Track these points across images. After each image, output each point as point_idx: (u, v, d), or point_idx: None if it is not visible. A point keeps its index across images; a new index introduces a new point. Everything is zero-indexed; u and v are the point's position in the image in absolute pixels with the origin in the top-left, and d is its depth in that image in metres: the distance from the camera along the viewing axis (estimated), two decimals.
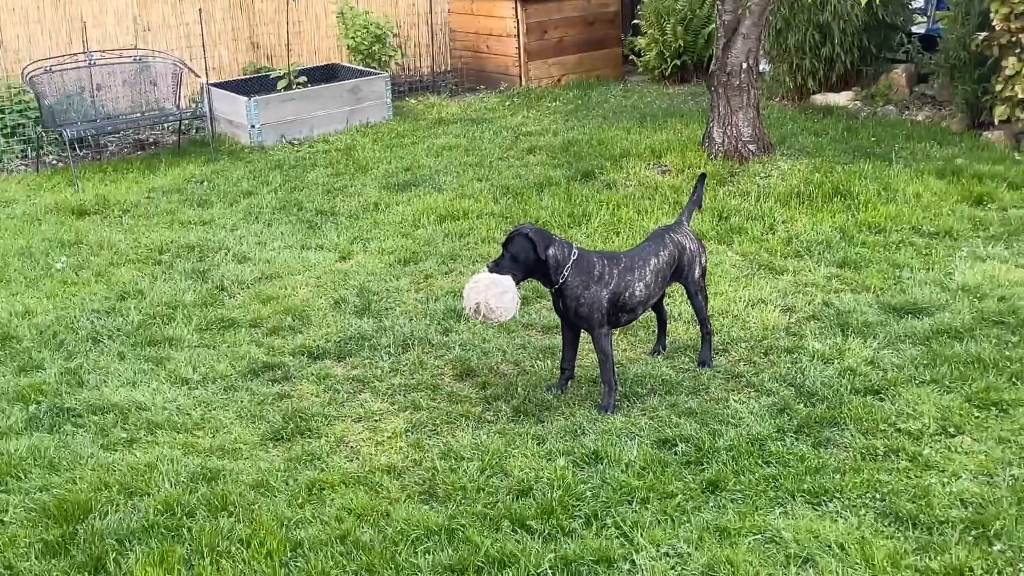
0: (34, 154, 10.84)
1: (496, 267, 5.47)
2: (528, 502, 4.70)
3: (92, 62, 10.81)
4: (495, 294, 5.38)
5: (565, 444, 5.17)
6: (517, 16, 12.49)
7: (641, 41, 12.74)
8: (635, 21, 13.06)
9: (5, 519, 4.76)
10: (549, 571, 4.26)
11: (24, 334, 6.66)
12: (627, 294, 5.57)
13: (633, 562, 4.30)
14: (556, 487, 4.79)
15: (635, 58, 13.05)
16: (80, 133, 10.51)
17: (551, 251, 5.45)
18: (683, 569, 4.23)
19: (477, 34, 13.07)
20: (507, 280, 5.41)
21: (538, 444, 5.19)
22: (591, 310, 5.51)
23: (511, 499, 4.74)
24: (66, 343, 6.53)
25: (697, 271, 5.87)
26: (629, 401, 5.58)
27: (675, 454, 5.04)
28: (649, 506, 4.64)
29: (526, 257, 5.44)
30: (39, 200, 9.46)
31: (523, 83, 12.65)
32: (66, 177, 10.17)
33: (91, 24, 11.59)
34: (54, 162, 10.82)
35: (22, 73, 10.63)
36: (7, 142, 10.81)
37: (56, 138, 10.68)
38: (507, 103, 12.06)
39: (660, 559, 4.31)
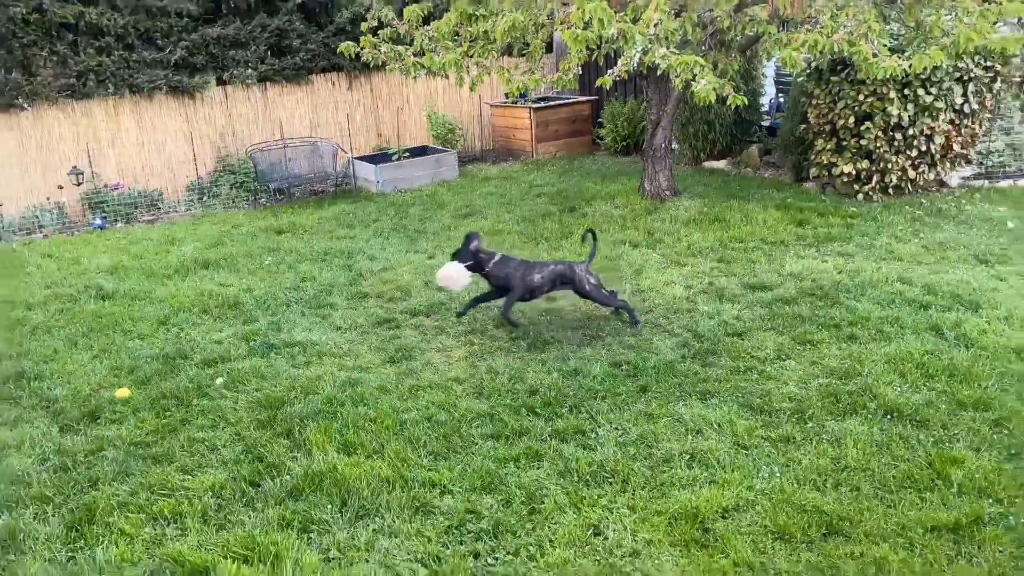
0: (252, 198, 10.91)
1: (454, 258, 5.71)
2: (536, 398, 4.71)
3: (285, 144, 10.86)
4: (464, 277, 5.66)
5: (557, 364, 5.15)
6: (530, 117, 12.42)
7: (603, 131, 12.64)
8: (600, 119, 12.96)
9: (236, 407, 4.82)
10: (548, 437, 4.26)
11: (247, 301, 6.71)
12: (530, 280, 5.68)
13: (597, 432, 4.29)
14: (552, 389, 4.79)
15: (599, 141, 12.95)
16: (279, 186, 10.57)
17: (476, 248, 5.67)
18: (626, 437, 4.23)
19: (507, 127, 13.01)
20: (461, 266, 5.64)
21: (542, 365, 5.18)
22: (511, 282, 5.68)
23: (526, 396, 4.75)
24: (271, 306, 6.57)
25: (587, 286, 5.73)
26: (595, 340, 5.54)
27: (621, 370, 5.02)
28: (606, 401, 4.63)
29: (465, 253, 5.65)
30: (255, 224, 9.51)
31: (534, 156, 12.57)
32: (271, 211, 10.22)
33: (285, 122, 11.64)
34: (264, 203, 10.87)
35: (247, 151, 10.73)
36: (238, 191, 10.91)
37: (265, 189, 10.76)
38: (524, 168, 12.00)
39: (612, 431, 4.30)
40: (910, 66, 5.64)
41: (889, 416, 4.29)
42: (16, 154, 9.83)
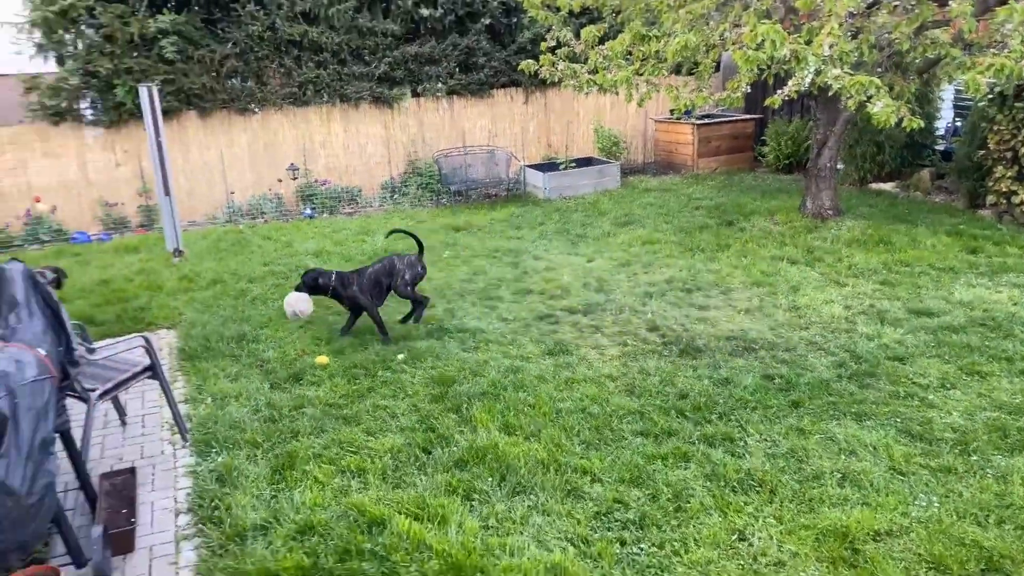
0: (435, 198, 11.36)
1: (297, 289, 5.87)
2: (686, 402, 4.57)
3: (466, 151, 11.23)
4: (302, 301, 6.01)
5: (708, 372, 4.98)
6: (693, 133, 12.08)
7: (765, 148, 12.08)
8: (763, 137, 12.40)
9: (414, 380, 5.02)
10: (696, 440, 4.13)
11: (427, 289, 6.86)
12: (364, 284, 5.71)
13: (745, 441, 4.11)
14: (702, 395, 4.64)
15: (761, 158, 12.38)
16: (459, 188, 10.94)
17: (319, 280, 5.72)
18: (776, 449, 4.02)
19: (669, 142, 12.73)
20: (304, 294, 5.88)
21: (692, 371, 5.02)
22: (356, 298, 5.69)
23: (676, 399, 4.62)
24: (446, 295, 6.78)
25: (400, 280, 5.82)
26: (747, 352, 5.31)
27: (774, 383, 4.77)
28: (756, 412, 4.42)
29: (309, 282, 5.74)
30: (437, 221, 9.87)
31: (694, 170, 12.22)
32: (450, 210, 10.59)
33: (467, 132, 12.04)
34: (444, 202, 11.29)
35: (433, 156, 11.20)
36: (423, 191, 11.41)
37: (447, 190, 11.18)
38: (684, 181, 11.69)
39: (762, 442, 4.10)
40: None
41: None
42: (247, 151, 10.84)
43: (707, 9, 6.38)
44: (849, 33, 5.62)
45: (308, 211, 10.73)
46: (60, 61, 9.77)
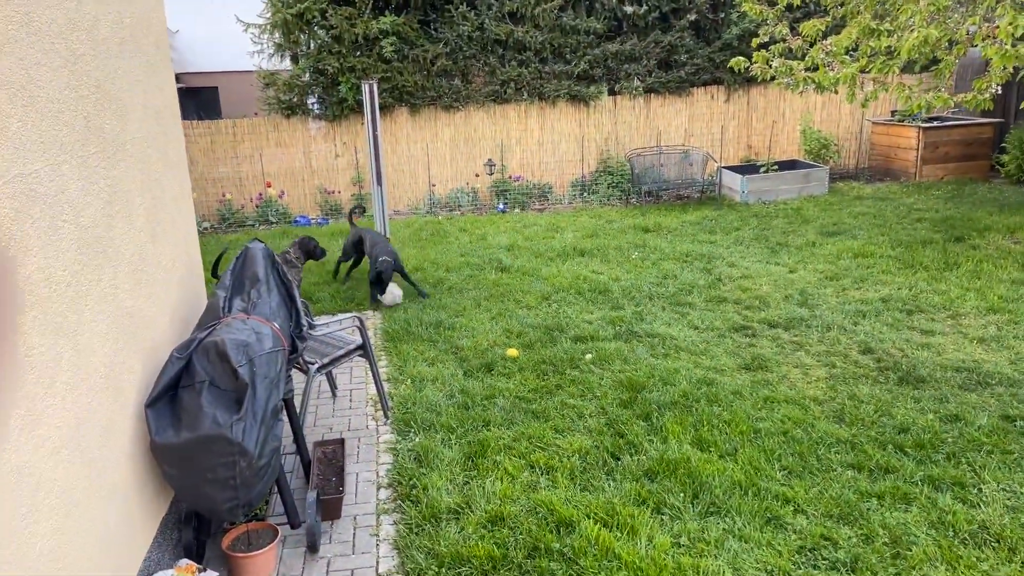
0: (624, 197, 11.25)
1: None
2: (906, 437, 4.12)
3: (661, 151, 11.00)
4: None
5: (933, 405, 4.46)
6: (918, 137, 10.93)
7: (1005, 157, 10.66)
8: (1003, 144, 10.96)
9: (602, 382, 4.97)
10: (920, 481, 3.71)
11: (614, 289, 6.92)
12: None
13: (980, 489, 3.62)
14: (926, 431, 4.15)
15: (1000, 168, 10.95)
16: (650, 188, 10.74)
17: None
18: (1017, 501, 3.50)
19: (888, 146, 11.62)
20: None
21: (914, 402, 4.52)
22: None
23: (893, 432, 4.18)
24: (635, 297, 6.69)
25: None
26: (981, 387, 4.69)
27: (1015, 426, 4.17)
28: (993, 456, 3.88)
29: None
30: (626, 221, 9.79)
31: (916, 178, 11.08)
32: (640, 211, 10.45)
33: (663, 131, 11.79)
34: (634, 202, 11.18)
35: (626, 155, 11.10)
36: (612, 190, 11.35)
37: (637, 190, 11.03)
38: (904, 190, 10.65)
39: (999, 492, 3.59)
40: None
41: None
42: (449, 146, 11.38)
43: (952, 0, 5.70)
44: None
45: (501, 206, 11.06)
46: (294, 59, 10.82)
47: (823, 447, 4.06)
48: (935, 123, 11.04)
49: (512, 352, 5.43)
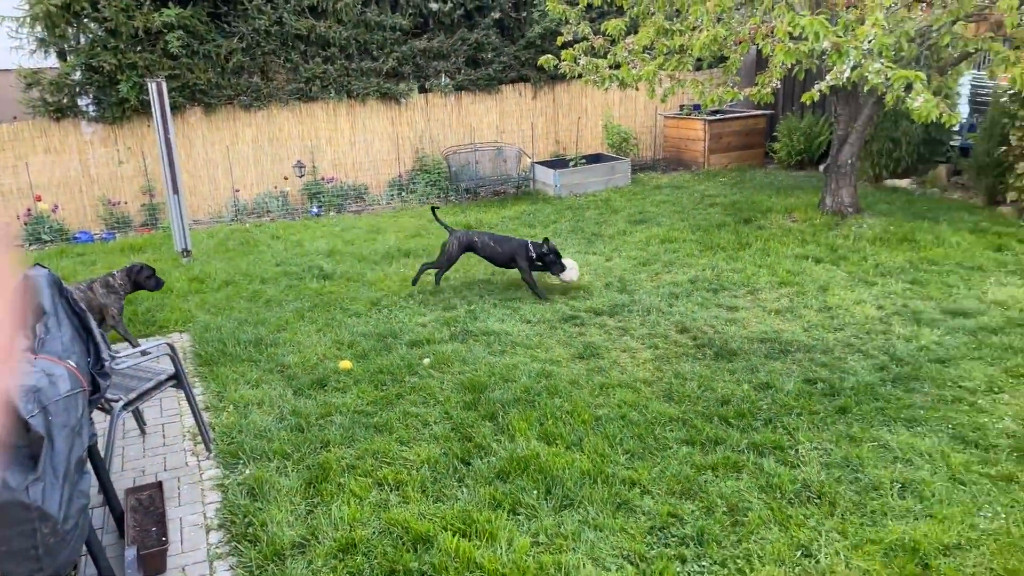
0: (443, 195, 11.20)
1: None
2: (728, 408, 4.42)
3: (476, 148, 11.06)
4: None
5: (747, 376, 4.83)
6: (704, 129, 11.94)
7: (777, 145, 11.95)
8: (774, 133, 12.28)
9: (442, 386, 4.86)
10: (746, 449, 3.99)
11: (445, 289, 6.74)
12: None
13: (796, 450, 3.97)
14: (744, 401, 4.49)
15: (773, 154, 12.27)
16: (468, 186, 10.76)
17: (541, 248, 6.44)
18: (829, 458, 3.87)
19: (679, 138, 12.58)
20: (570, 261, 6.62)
21: (730, 374, 4.88)
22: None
23: (717, 405, 4.47)
24: (467, 296, 6.60)
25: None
26: (783, 354, 5.16)
27: (816, 388, 4.63)
28: (802, 419, 4.27)
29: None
30: (447, 219, 9.55)
31: (705, 166, 12.08)
32: (460, 208, 10.42)
33: (475, 128, 11.87)
34: (453, 200, 11.14)
35: (442, 153, 11.03)
36: (431, 189, 11.24)
37: (455, 188, 11.01)
38: (696, 178, 11.57)
39: (813, 451, 3.96)
40: None
41: None
42: (252, 148, 10.63)
43: (734, 2, 6.22)
44: (889, 28, 5.48)
45: (315, 209, 10.54)
46: (62, 56, 9.54)
47: (658, 426, 4.24)
48: (718, 116, 12.11)
49: (345, 364, 5.15)
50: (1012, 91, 7.89)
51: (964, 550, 3.18)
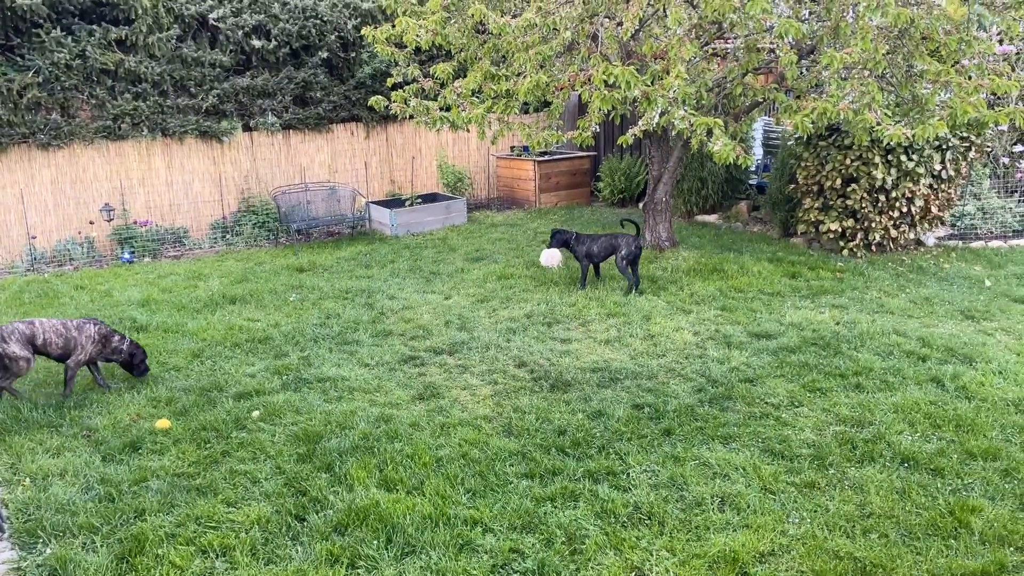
0: (273, 237, 10.81)
1: (549, 246, 7.86)
2: (565, 438, 4.56)
3: (307, 188, 10.78)
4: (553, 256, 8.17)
5: (581, 405, 5.02)
6: (534, 169, 12.44)
7: (601, 184, 12.69)
8: (598, 173, 13.04)
9: (274, 440, 4.62)
10: (581, 477, 4.11)
11: (275, 336, 6.55)
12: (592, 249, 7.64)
13: (628, 474, 4.15)
14: (579, 430, 4.65)
15: (597, 193, 12.99)
16: (300, 227, 10.44)
17: (568, 235, 7.74)
18: (656, 479, 4.09)
19: (512, 178, 13.02)
20: (555, 250, 8.21)
21: (565, 405, 5.04)
22: (580, 253, 7.69)
23: (554, 436, 4.60)
24: (299, 342, 6.41)
25: (618, 256, 7.52)
26: (614, 382, 5.42)
27: (643, 412, 4.89)
28: (632, 442, 4.49)
29: (559, 238, 7.77)
30: (278, 262, 9.40)
31: (536, 205, 12.56)
32: (291, 250, 10.11)
33: (306, 167, 11.58)
34: (284, 242, 10.77)
35: (271, 193, 10.63)
36: (259, 230, 10.80)
37: (286, 229, 10.65)
38: (528, 216, 11.99)
39: (643, 473, 4.16)
40: (914, 135, 5.68)
41: (905, 464, 4.19)
42: (51, 190, 9.65)
43: (554, 51, 6.59)
44: (690, 80, 6.03)
45: (127, 255, 9.72)
46: None
47: (499, 462, 4.28)
48: (547, 157, 12.67)
49: (162, 423, 4.76)
50: (797, 135, 8.95)
51: (777, 555, 3.47)
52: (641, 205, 11.08)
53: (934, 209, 8.57)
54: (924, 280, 7.60)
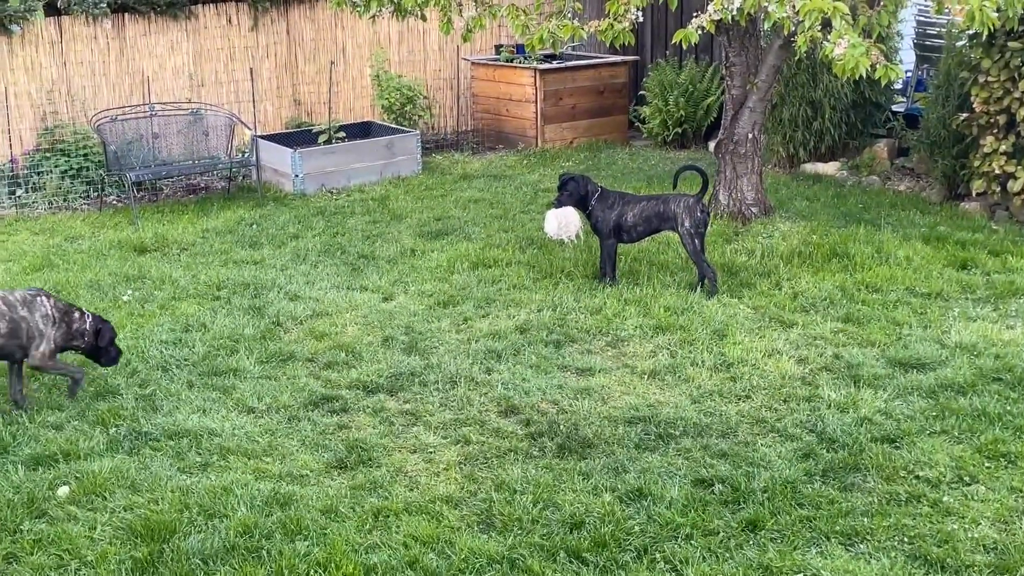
0: (97, 194, 10.81)
1: (558, 203, 8.05)
2: (582, 535, 4.57)
3: (152, 112, 10.76)
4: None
5: (609, 480, 5.04)
6: (535, 83, 12.46)
7: (646, 110, 12.72)
8: (641, 92, 13.06)
9: (94, 536, 4.62)
10: None
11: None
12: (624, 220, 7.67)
13: None
14: (606, 521, 4.66)
15: (640, 125, 13.02)
16: (141, 177, 10.40)
17: (589, 187, 7.79)
18: None
19: (497, 98, 13.03)
20: (570, 210, 8.40)
21: (583, 479, 5.05)
22: (603, 225, 7.70)
23: (565, 531, 4.60)
24: (139, 371, 6.40)
25: (681, 228, 7.56)
26: (663, 442, 5.45)
27: (713, 493, 4.91)
28: (694, 542, 4.51)
29: (575, 190, 7.79)
30: (103, 237, 9.40)
31: (538, 144, 12.59)
32: (127, 217, 10.09)
33: (152, 77, 11.57)
34: (115, 202, 10.78)
35: (91, 121, 10.61)
36: (73, 183, 10.78)
37: (117, 181, 10.62)
38: (525, 161, 12.00)
39: None
40: None
41: None
42: None
43: None
44: None
45: None
46: None
47: (471, 575, 4.28)
48: (555, 63, 12.68)
49: None
50: (972, 32, 8.98)
51: None
52: (712, 146, 11.08)
53: None
54: None
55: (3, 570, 4.39)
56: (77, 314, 6.04)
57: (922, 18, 11.27)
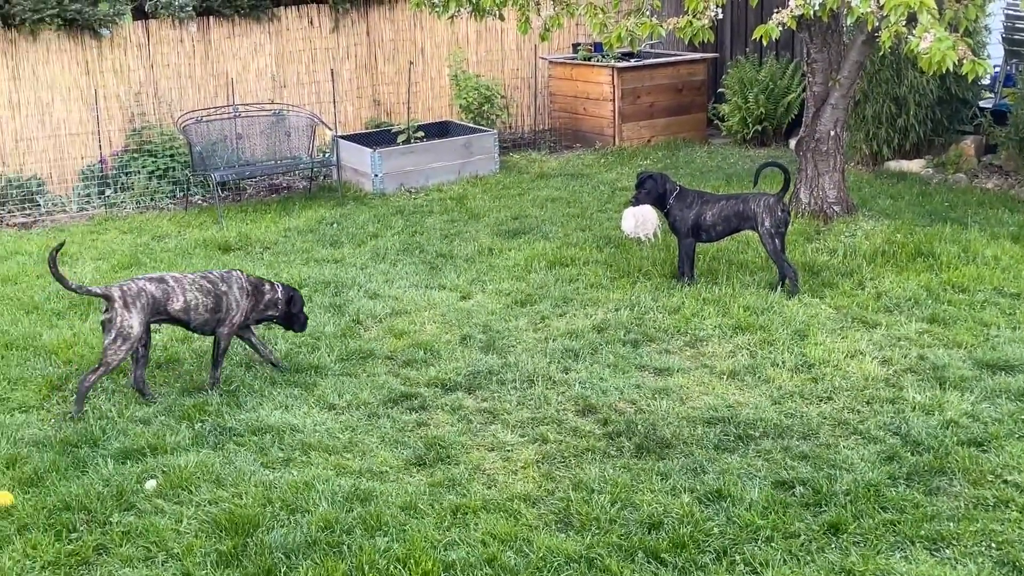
0: (183, 194, 11.02)
1: (635, 202, 7.98)
2: (660, 535, 4.55)
3: (236, 113, 10.93)
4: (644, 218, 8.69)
5: (688, 481, 5.01)
6: (613, 82, 12.43)
7: (725, 107, 12.63)
8: (720, 89, 12.97)
9: (180, 528, 4.71)
10: None
11: (184, 356, 6.70)
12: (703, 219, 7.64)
13: None
14: (685, 522, 4.64)
15: (719, 122, 12.93)
16: (226, 177, 10.59)
17: (667, 185, 7.75)
18: None
19: (575, 97, 13.02)
20: (647, 208, 8.36)
21: (662, 479, 5.04)
22: (681, 224, 7.68)
23: (643, 532, 4.60)
24: (223, 368, 6.48)
25: (761, 228, 7.49)
26: (743, 443, 5.41)
27: (794, 495, 4.86)
28: (774, 544, 4.47)
29: (652, 188, 7.73)
30: (188, 236, 9.57)
31: (616, 142, 12.55)
32: (211, 216, 10.27)
33: (236, 79, 11.76)
34: (201, 201, 10.99)
35: (177, 122, 10.81)
36: (160, 183, 11.00)
37: (203, 181, 10.82)
38: (603, 160, 11.98)
39: None
40: None
41: None
42: None
43: None
44: None
45: None
46: None
47: (550, 573, 4.30)
48: (633, 61, 12.64)
49: (3, 498, 4.93)
50: None
51: None
52: (794, 143, 10.95)
53: None
54: None
55: (94, 561, 4.49)
56: (267, 286, 6.45)
57: (1011, 12, 11.01)
